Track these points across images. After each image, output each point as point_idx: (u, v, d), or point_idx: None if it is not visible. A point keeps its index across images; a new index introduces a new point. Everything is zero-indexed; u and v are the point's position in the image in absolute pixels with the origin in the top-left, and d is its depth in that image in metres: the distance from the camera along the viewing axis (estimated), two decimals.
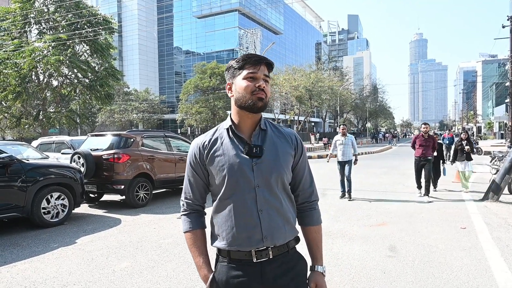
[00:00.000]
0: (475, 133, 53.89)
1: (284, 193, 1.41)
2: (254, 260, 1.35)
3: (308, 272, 1.49)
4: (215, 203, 1.41)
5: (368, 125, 66.80)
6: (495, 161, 10.14)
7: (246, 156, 1.35)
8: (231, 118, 1.43)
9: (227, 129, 1.41)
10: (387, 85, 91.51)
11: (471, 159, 8.69)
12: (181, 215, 1.50)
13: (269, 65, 1.40)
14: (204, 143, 1.41)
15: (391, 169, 14.25)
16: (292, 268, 1.40)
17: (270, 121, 1.52)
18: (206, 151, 1.40)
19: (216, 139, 1.41)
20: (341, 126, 8.40)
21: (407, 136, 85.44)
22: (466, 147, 8.59)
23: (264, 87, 1.35)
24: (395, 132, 78.27)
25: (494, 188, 7.42)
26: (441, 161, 9.10)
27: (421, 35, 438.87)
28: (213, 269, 1.43)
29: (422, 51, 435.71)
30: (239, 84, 1.37)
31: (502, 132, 51.90)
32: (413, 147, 8.17)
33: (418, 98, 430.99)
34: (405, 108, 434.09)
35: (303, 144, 1.50)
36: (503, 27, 26.54)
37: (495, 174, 8.43)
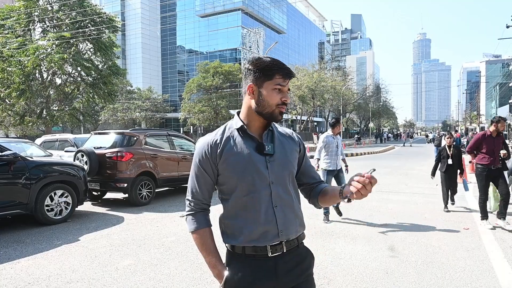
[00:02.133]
0: None
1: (293, 189, 1.48)
2: (269, 254, 1.37)
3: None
4: (229, 201, 1.41)
5: (371, 125, 66.59)
6: None
7: (259, 155, 1.39)
8: (240, 118, 1.44)
9: (238, 129, 1.42)
10: (390, 85, 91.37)
11: (506, 168, 6.23)
12: (186, 215, 1.47)
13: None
14: (216, 141, 1.41)
15: (395, 169, 14.22)
16: (302, 262, 1.45)
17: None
18: (219, 150, 1.39)
19: (228, 138, 1.41)
20: (334, 120, 6.11)
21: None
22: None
23: (287, 101, 1.41)
24: (409, 131, 76.90)
25: None
26: (458, 171, 6.83)
27: (424, 35, 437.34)
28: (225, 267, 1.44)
29: (426, 51, 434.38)
30: (265, 93, 1.38)
31: (506, 133, 51.68)
32: (471, 152, 5.78)
33: (421, 98, 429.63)
34: (408, 108, 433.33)
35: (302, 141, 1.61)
36: (507, 27, 26.44)
37: None
